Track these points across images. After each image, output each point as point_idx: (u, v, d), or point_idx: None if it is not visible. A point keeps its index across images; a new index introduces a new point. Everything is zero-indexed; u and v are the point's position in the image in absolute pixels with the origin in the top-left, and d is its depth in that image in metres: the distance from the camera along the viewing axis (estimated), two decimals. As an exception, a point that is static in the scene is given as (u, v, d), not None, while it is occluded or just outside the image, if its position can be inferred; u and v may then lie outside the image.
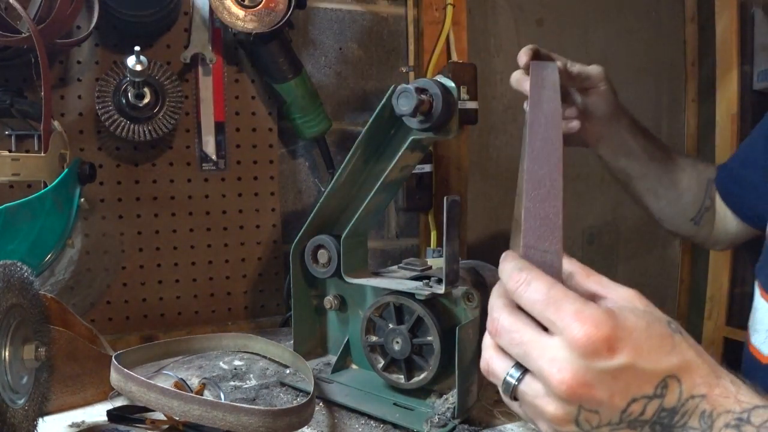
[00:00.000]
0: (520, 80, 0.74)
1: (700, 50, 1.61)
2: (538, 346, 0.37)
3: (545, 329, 0.38)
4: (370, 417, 0.67)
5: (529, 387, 0.38)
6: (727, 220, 0.83)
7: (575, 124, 0.78)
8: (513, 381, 0.39)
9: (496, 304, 0.40)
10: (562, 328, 0.36)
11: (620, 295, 0.39)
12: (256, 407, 0.58)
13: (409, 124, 0.68)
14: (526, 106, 0.72)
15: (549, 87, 0.57)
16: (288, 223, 1.09)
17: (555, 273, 0.41)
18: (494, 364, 0.40)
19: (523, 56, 0.72)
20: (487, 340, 0.41)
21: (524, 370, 0.39)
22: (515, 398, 0.40)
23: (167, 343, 0.80)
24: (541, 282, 0.38)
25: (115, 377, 0.60)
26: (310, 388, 0.66)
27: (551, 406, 0.37)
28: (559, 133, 0.49)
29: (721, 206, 0.83)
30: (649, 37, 1.60)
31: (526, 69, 0.72)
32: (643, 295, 0.41)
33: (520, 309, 0.39)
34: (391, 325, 0.69)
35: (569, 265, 0.42)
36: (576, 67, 0.76)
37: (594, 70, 0.79)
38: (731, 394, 0.36)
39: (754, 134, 0.79)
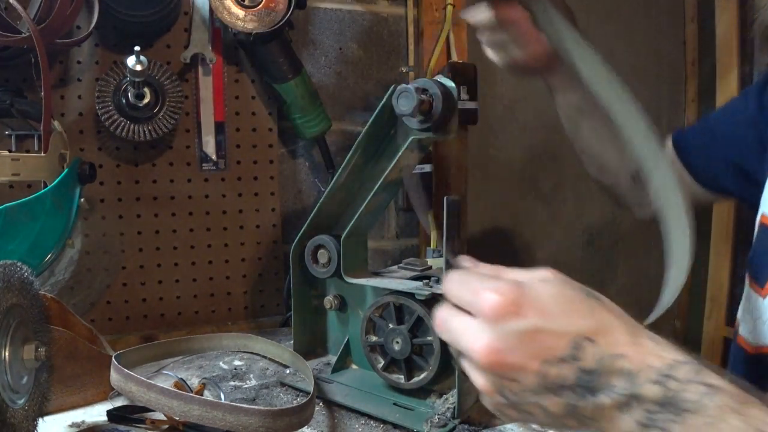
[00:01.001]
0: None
1: (700, 50, 1.61)
2: (461, 327, 0.40)
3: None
4: (370, 417, 0.67)
5: (465, 366, 0.40)
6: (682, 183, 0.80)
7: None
8: (457, 365, 0.41)
9: (440, 307, 0.43)
10: (474, 303, 0.39)
11: (533, 274, 0.41)
12: (256, 407, 0.58)
13: (409, 124, 0.68)
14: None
15: None
16: (288, 223, 1.09)
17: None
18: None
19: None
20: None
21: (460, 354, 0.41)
22: None
23: (167, 343, 0.80)
24: (455, 272, 0.42)
25: (115, 377, 0.60)
26: (310, 388, 0.66)
27: (479, 380, 0.39)
28: None
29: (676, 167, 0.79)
30: (649, 37, 1.60)
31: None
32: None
33: (456, 306, 0.41)
34: (391, 325, 0.69)
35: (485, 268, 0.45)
36: None
37: None
38: (652, 352, 0.36)
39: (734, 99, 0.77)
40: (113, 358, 0.62)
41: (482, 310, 0.38)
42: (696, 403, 0.34)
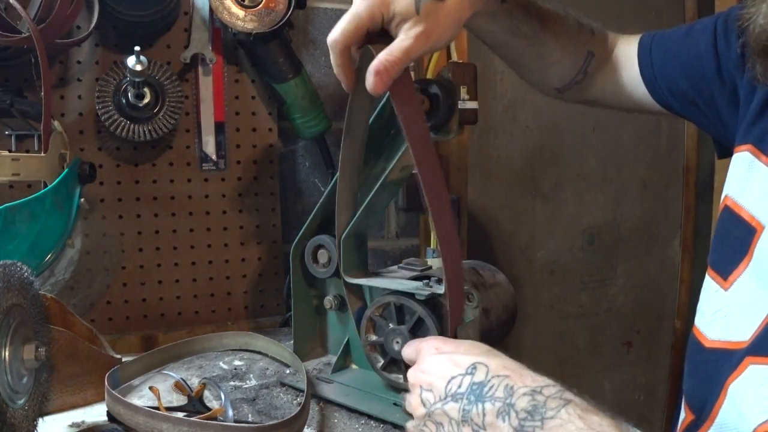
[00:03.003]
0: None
1: (700, 50, 1.60)
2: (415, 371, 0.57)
3: None
4: (370, 417, 0.68)
5: (405, 400, 0.58)
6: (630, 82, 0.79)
7: None
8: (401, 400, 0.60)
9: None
10: (416, 352, 0.59)
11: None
12: (247, 425, 0.59)
13: (409, 124, 0.68)
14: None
15: None
16: (288, 223, 1.09)
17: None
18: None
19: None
20: None
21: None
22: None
23: (167, 349, 0.80)
24: (412, 343, 0.62)
25: (108, 399, 0.60)
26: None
27: (411, 399, 0.55)
28: None
29: (630, 72, 0.79)
30: (649, 37, 1.60)
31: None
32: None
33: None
34: (391, 325, 0.69)
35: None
36: None
37: None
38: (529, 377, 0.49)
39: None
40: (106, 378, 0.62)
41: (419, 353, 0.58)
42: (554, 411, 0.45)
